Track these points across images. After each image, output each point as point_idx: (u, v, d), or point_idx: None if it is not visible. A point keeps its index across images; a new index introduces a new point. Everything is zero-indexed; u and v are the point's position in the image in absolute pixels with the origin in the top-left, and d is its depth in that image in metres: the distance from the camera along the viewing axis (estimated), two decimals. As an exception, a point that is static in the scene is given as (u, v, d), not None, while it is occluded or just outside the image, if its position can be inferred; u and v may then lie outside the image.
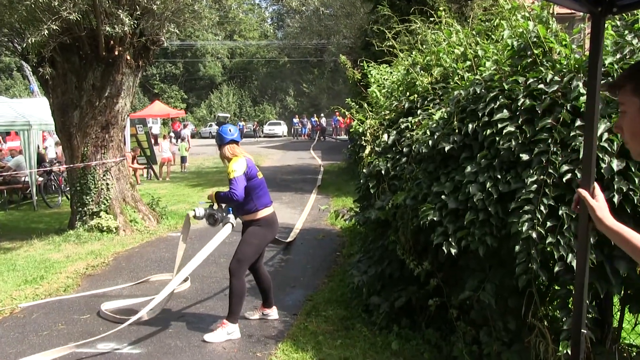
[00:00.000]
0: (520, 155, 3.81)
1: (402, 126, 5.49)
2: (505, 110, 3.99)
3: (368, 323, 5.39)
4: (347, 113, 7.69)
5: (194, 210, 5.48)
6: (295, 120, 50.71)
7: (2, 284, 7.14)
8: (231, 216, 5.44)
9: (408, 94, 5.84)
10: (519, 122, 3.88)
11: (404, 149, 5.23)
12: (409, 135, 5.28)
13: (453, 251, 4.05)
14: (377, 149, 5.77)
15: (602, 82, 2.43)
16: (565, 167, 3.57)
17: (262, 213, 5.36)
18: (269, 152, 32.09)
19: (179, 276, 5.48)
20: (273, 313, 5.80)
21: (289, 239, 9.37)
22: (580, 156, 3.38)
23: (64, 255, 8.63)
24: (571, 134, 3.63)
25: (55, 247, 9.31)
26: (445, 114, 4.67)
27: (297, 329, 5.43)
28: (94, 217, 10.20)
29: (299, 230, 10.41)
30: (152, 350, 4.92)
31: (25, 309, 6.13)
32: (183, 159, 23.22)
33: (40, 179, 14.78)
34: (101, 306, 5.94)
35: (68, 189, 12.19)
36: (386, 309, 5.16)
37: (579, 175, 3.46)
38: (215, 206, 5.45)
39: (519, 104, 3.90)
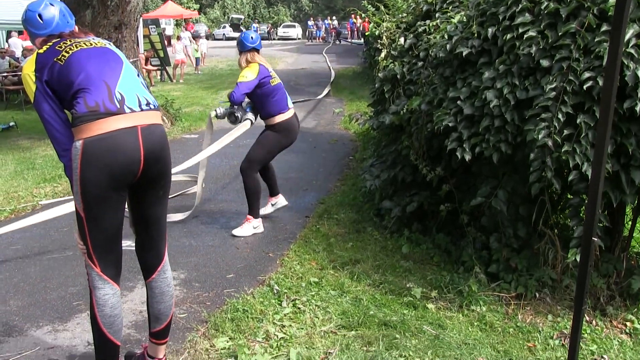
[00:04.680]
0: (541, 61, 3.70)
1: (420, 30, 5.35)
2: (527, 14, 3.84)
3: (379, 227, 5.47)
4: (363, 15, 7.48)
5: (215, 110, 5.63)
6: (310, 22, 49.57)
7: (23, 182, 7.28)
8: (250, 114, 5.56)
9: (427, -5, 5.64)
10: (541, 26, 3.74)
11: (421, 53, 5.10)
12: (426, 39, 5.15)
13: (467, 157, 4.03)
14: (393, 52, 5.64)
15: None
16: (586, 74, 3.47)
17: (278, 119, 5.39)
18: (283, 54, 31.57)
19: (200, 174, 5.85)
20: (281, 200, 5.98)
21: None
22: (604, 63, 3.28)
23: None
24: (595, 40, 3.50)
25: (71, 146, 9.33)
26: (464, 18, 4.51)
27: (309, 231, 5.52)
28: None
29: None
30: (167, 249, 5.03)
31: (45, 206, 6.26)
32: (197, 61, 22.97)
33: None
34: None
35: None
36: (397, 214, 5.21)
37: (600, 82, 3.37)
38: (236, 105, 5.54)
39: (542, 7, 3.74)
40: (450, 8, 5.13)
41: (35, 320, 3.79)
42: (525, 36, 3.78)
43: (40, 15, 2.74)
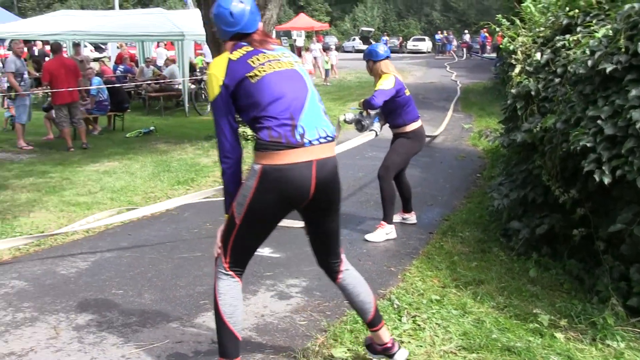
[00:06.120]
0: (699, 78, 3.41)
1: (558, 44, 5.13)
2: (687, 26, 3.55)
3: (505, 248, 5.27)
4: (497, 30, 7.28)
5: (345, 114, 5.86)
6: (438, 36, 48.65)
7: (159, 183, 7.79)
8: (376, 124, 5.83)
9: (567, 9, 5.39)
10: None
11: (558, 69, 4.90)
12: (565, 54, 4.93)
13: (606, 180, 3.79)
14: (528, 68, 5.45)
15: None
16: None
17: (410, 127, 5.67)
18: (412, 68, 31.43)
19: None
20: (412, 218, 6.17)
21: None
22: None
23: (212, 160, 9.14)
24: None
25: (204, 152, 9.92)
26: (610, 32, 4.26)
27: (432, 247, 5.43)
28: (239, 125, 10.64)
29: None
30: (290, 256, 5.15)
31: (178, 208, 6.62)
32: (327, 72, 23.43)
33: (192, 87, 15.59)
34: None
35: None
36: (526, 235, 5.00)
37: None
38: (364, 113, 5.75)
39: None
40: (594, 21, 4.87)
41: (166, 314, 4.02)
42: (681, 51, 3.50)
43: (231, 13, 2.89)
